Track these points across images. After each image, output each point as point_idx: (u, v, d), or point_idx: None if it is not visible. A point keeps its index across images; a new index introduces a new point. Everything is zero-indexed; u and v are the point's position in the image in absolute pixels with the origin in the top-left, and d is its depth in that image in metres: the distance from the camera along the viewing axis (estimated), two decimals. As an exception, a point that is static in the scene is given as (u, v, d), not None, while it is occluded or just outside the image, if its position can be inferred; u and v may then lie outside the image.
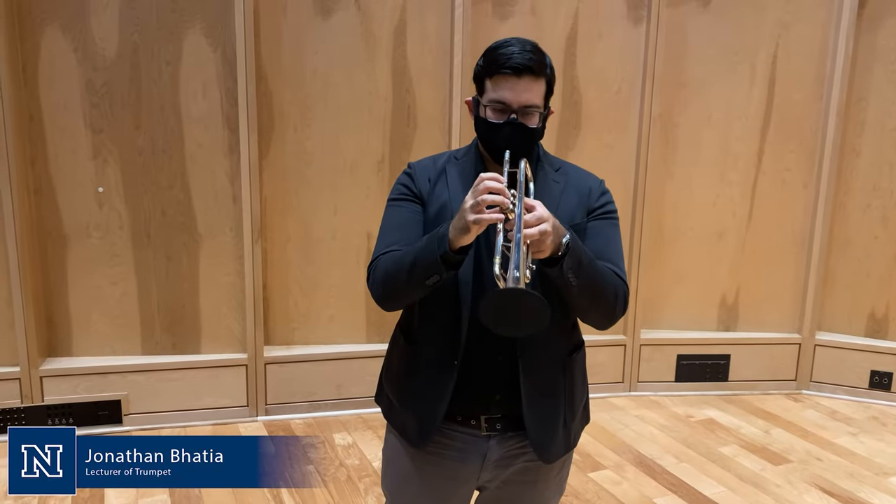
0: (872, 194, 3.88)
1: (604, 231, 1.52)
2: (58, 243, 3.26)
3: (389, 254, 1.46)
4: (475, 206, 1.28)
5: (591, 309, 1.45)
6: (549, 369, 1.51)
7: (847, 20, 3.67)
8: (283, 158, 3.43)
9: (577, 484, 3.00)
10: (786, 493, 2.98)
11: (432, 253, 1.33)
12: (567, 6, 3.62)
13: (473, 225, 1.28)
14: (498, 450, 1.53)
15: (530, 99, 1.43)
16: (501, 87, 1.42)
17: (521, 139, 1.44)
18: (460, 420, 1.52)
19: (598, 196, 1.55)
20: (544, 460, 1.52)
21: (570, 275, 1.33)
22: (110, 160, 3.24)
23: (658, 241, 3.93)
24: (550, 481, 1.60)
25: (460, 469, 1.55)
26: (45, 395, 3.26)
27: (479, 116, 1.47)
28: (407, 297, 1.46)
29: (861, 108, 3.83)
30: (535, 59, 1.42)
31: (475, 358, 1.47)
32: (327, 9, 3.36)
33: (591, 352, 3.87)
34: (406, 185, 1.55)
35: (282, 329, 3.59)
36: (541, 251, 1.29)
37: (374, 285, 1.47)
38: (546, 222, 1.27)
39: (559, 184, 1.53)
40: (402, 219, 1.52)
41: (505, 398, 1.49)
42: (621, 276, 1.48)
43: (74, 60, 3.13)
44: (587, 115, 3.74)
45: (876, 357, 3.90)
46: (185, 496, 2.82)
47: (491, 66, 1.43)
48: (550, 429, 1.52)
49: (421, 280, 1.36)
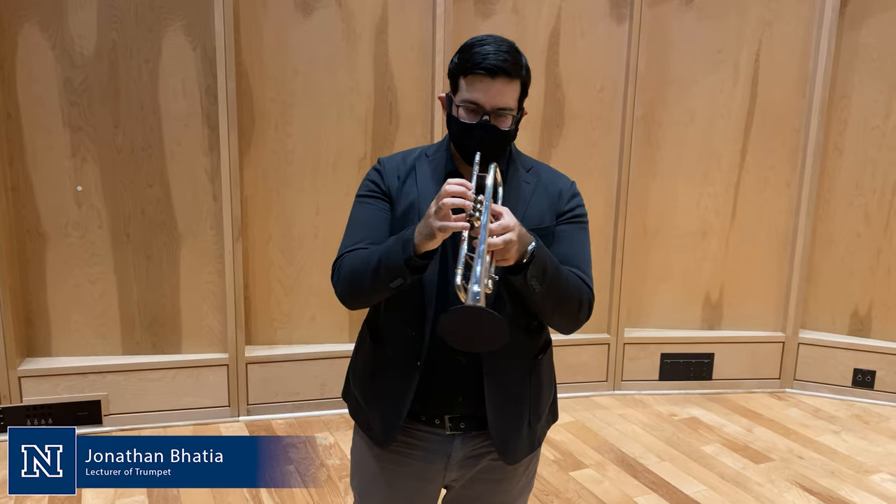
0: (855, 192, 3.89)
1: (572, 236, 1.51)
2: (36, 242, 3.23)
3: (355, 252, 1.44)
4: (439, 212, 1.27)
5: (554, 314, 1.44)
6: (513, 372, 1.50)
7: (829, 19, 3.68)
8: (263, 157, 3.41)
9: (557, 483, 3.00)
10: (767, 491, 2.98)
11: (397, 256, 1.32)
12: (549, 4, 3.62)
13: (439, 232, 1.27)
14: (462, 449, 1.52)
15: (504, 101, 1.41)
16: (475, 87, 1.40)
17: (492, 142, 1.43)
18: (424, 420, 1.51)
19: (568, 199, 1.54)
20: (508, 461, 1.52)
21: (533, 282, 1.32)
22: (89, 158, 3.21)
23: (642, 239, 3.93)
24: (517, 478, 1.59)
25: (425, 468, 1.54)
26: (23, 395, 3.23)
27: (452, 115, 1.46)
28: (371, 298, 1.45)
29: (843, 107, 3.84)
30: (510, 61, 1.40)
31: (438, 359, 1.46)
32: (308, 6, 3.35)
33: (574, 351, 3.90)
34: (374, 182, 1.53)
35: (263, 328, 3.57)
36: (505, 259, 1.28)
37: (338, 283, 1.46)
38: (511, 231, 1.26)
39: (530, 184, 1.52)
40: (369, 216, 1.50)
41: (468, 399, 1.48)
42: (587, 283, 1.47)
43: (52, 58, 3.11)
44: (570, 114, 3.74)
45: (859, 355, 3.91)
46: (162, 496, 2.80)
47: (465, 65, 1.41)
48: (514, 430, 1.51)
49: (385, 282, 1.35)
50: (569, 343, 3.89)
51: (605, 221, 3.86)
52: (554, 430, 3.48)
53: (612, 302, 3.91)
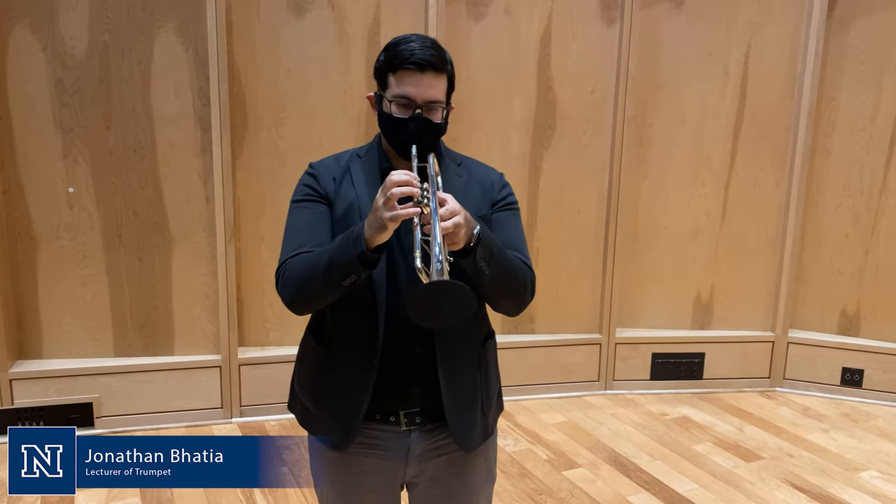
0: (843, 193, 3.93)
1: (508, 222, 1.56)
2: (28, 244, 3.22)
3: (300, 256, 1.44)
4: (388, 203, 1.29)
5: (503, 297, 1.47)
6: (465, 358, 1.53)
7: (817, 21, 3.72)
8: (256, 158, 3.41)
9: (550, 482, 3.01)
10: (757, 489, 3.00)
11: (348, 253, 1.33)
12: (541, 6, 3.64)
13: (390, 222, 1.29)
14: (420, 443, 1.54)
15: (434, 94, 1.45)
16: (405, 82, 1.43)
17: (426, 134, 1.46)
18: (379, 418, 1.52)
19: (499, 188, 1.58)
20: (465, 448, 1.53)
21: (482, 264, 1.35)
22: (81, 160, 3.20)
23: (632, 240, 3.95)
24: (477, 469, 1.61)
25: (385, 467, 1.55)
26: (14, 398, 3.22)
27: (384, 112, 1.48)
28: (322, 300, 1.44)
29: (832, 108, 3.88)
30: (437, 56, 1.44)
31: (393, 353, 1.48)
32: (301, 8, 3.35)
33: (566, 351, 3.93)
34: (310, 186, 1.53)
35: (256, 330, 3.57)
36: (455, 243, 1.31)
37: (284, 289, 1.45)
38: (458, 215, 1.30)
39: (462, 178, 1.56)
40: (308, 220, 1.50)
41: (423, 391, 1.50)
42: (528, 264, 1.51)
43: (44, 59, 3.10)
44: (562, 115, 3.76)
45: (847, 354, 3.95)
46: (156, 496, 2.80)
47: (394, 62, 1.44)
48: (469, 417, 1.53)
49: (337, 281, 1.35)
50: (561, 343, 3.91)
51: (596, 222, 3.88)
52: (547, 430, 3.50)
53: (603, 302, 3.93)
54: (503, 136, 3.72)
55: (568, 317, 3.97)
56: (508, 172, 3.88)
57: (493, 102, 3.68)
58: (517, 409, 3.75)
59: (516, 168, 3.76)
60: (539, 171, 3.79)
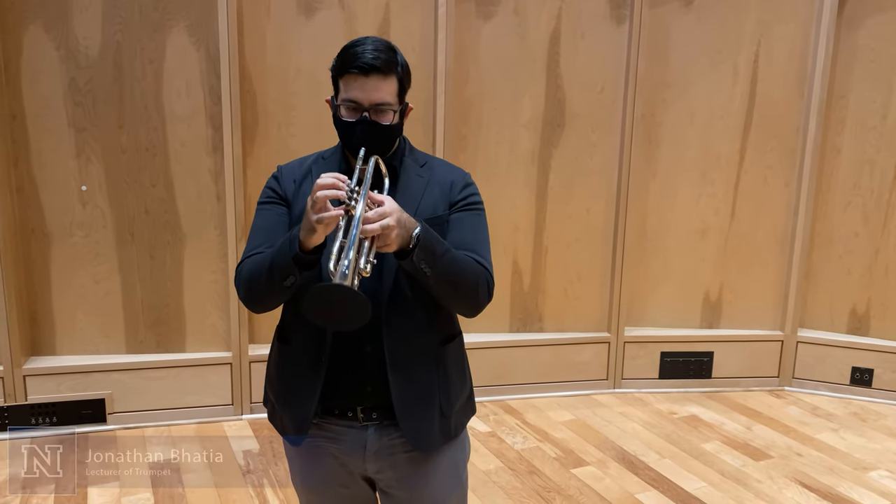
0: (853, 192, 3.92)
1: (466, 221, 1.55)
2: (41, 242, 3.25)
3: (252, 257, 1.48)
4: (315, 205, 1.31)
5: (452, 298, 1.48)
6: (419, 358, 1.53)
7: (827, 20, 3.71)
8: (267, 157, 3.44)
9: (559, 480, 3.02)
10: (766, 488, 3.01)
11: (285, 255, 1.36)
12: (550, 6, 3.65)
13: (318, 224, 1.30)
14: (377, 440, 1.55)
15: (380, 97, 1.46)
16: (351, 86, 1.46)
17: (374, 136, 1.48)
18: (337, 413, 1.55)
19: (460, 188, 1.58)
20: (419, 448, 1.54)
21: (423, 265, 1.37)
22: (93, 159, 3.23)
23: (641, 239, 3.96)
24: (441, 472, 1.61)
25: (346, 461, 1.58)
26: (28, 394, 3.26)
27: (335, 115, 1.51)
28: (270, 299, 1.47)
29: (842, 107, 3.87)
30: (382, 59, 1.45)
31: (343, 352, 1.50)
32: (311, 7, 3.37)
33: (575, 349, 3.93)
34: (272, 188, 1.58)
35: (267, 327, 3.59)
36: (386, 245, 1.32)
37: (239, 288, 1.50)
38: (389, 217, 1.31)
39: (423, 178, 1.57)
40: (267, 222, 1.54)
41: (376, 388, 1.52)
42: (483, 265, 1.51)
43: (57, 59, 3.13)
44: (571, 114, 3.76)
45: (857, 353, 3.94)
46: (167, 493, 2.82)
47: (342, 66, 1.47)
48: (423, 417, 1.53)
49: (279, 281, 1.38)
50: (569, 342, 3.92)
51: (605, 221, 3.89)
52: (555, 428, 3.51)
53: (612, 301, 3.93)
54: (512, 135, 3.73)
55: (576, 315, 3.98)
56: (517, 171, 3.91)
57: (501, 101, 3.69)
58: (525, 407, 3.76)
59: (525, 167, 3.77)
60: (548, 169, 3.79)
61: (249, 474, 3.00)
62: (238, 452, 3.18)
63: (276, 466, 3.07)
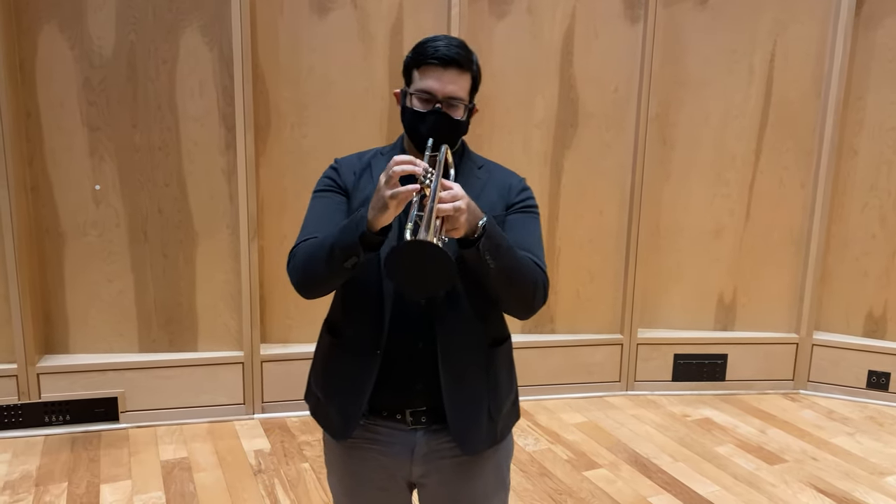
0: (870, 194, 3.87)
1: (523, 223, 1.54)
2: (55, 241, 3.27)
3: (309, 241, 1.47)
4: (389, 181, 1.30)
5: (510, 296, 1.45)
6: (469, 358, 1.51)
7: (845, 19, 3.67)
8: (279, 157, 3.44)
9: (571, 482, 3.00)
10: (780, 492, 2.97)
11: (351, 234, 1.34)
12: (564, 5, 3.63)
13: (391, 200, 1.28)
14: (425, 444, 1.54)
15: (455, 91, 1.46)
16: (428, 77, 1.46)
17: (445, 128, 1.47)
18: (385, 415, 1.53)
19: (517, 192, 1.57)
20: (466, 451, 1.52)
21: (487, 256, 1.34)
22: (107, 158, 3.25)
23: (655, 239, 3.93)
24: (487, 476, 1.59)
25: (390, 464, 1.56)
26: (42, 392, 3.27)
27: (406, 106, 1.50)
28: (326, 283, 1.45)
29: (859, 108, 3.82)
30: (461, 54, 1.46)
31: (397, 346, 1.48)
32: (324, 7, 3.37)
33: (588, 351, 3.91)
34: (331, 178, 1.57)
35: (278, 327, 3.60)
36: (455, 228, 1.30)
37: (293, 271, 1.48)
38: (461, 200, 1.29)
39: (481, 180, 1.56)
40: (325, 209, 1.53)
41: (426, 387, 1.50)
42: (540, 266, 1.49)
43: (72, 58, 3.14)
44: (584, 114, 3.74)
45: (873, 357, 3.90)
46: (179, 493, 2.83)
47: (419, 58, 1.47)
48: (472, 419, 1.52)
49: (339, 262, 1.36)
50: (582, 343, 3.90)
51: (618, 221, 3.86)
52: (567, 430, 3.49)
53: (625, 302, 3.91)
54: (524, 135, 3.71)
55: (589, 317, 3.96)
56: (530, 171, 3.90)
57: (514, 101, 3.67)
58: (537, 409, 3.74)
59: (538, 167, 3.75)
60: (561, 170, 3.78)
61: (260, 474, 3.01)
62: (249, 452, 3.19)
63: (287, 466, 3.07)
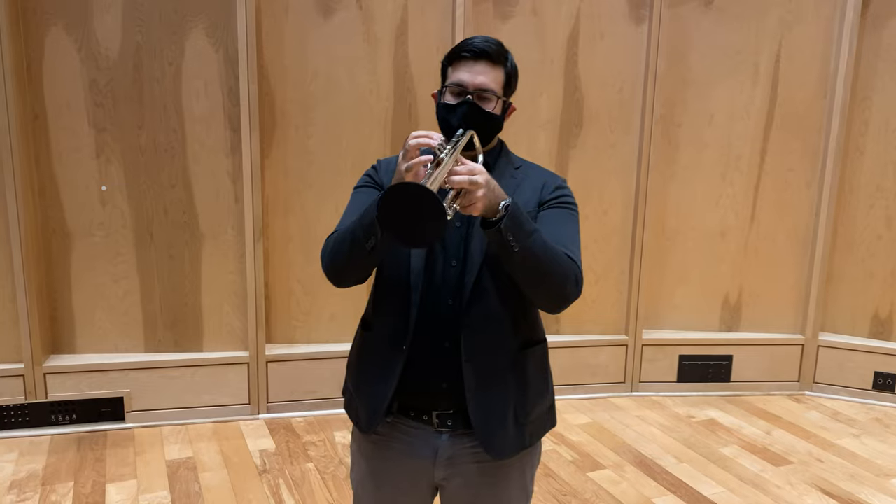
0: (876, 194, 3.86)
1: (557, 217, 1.52)
2: (62, 241, 3.29)
3: (341, 230, 1.49)
4: (406, 155, 1.32)
5: (537, 286, 1.41)
6: (496, 358, 1.50)
7: (851, 19, 3.66)
8: (284, 158, 3.45)
9: (575, 483, 3.00)
10: (785, 493, 2.97)
11: (370, 213, 1.35)
12: (568, 6, 3.63)
13: (406, 172, 1.29)
14: (450, 447, 1.53)
15: (485, 82, 1.48)
16: (459, 69, 1.49)
17: (476, 118, 1.48)
18: (413, 415, 1.54)
19: (552, 188, 1.56)
20: (491, 454, 1.51)
21: (510, 237, 1.31)
22: (113, 159, 3.26)
23: (660, 240, 3.92)
24: (511, 483, 1.58)
25: (413, 464, 1.56)
26: (48, 391, 3.29)
27: (439, 101, 1.53)
28: (351, 267, 1.46)
29: (865, 107, 3.81)
30: (493, 48, 1.49)
31: (423, 344, 1.49)
32: (329, 8, 3.38)
33: (592, 352, 3.91)
34: (370, 176, 1.60)
35: (283, 327, 3.61)
36: (472, 203, 1.28)
37: (322, 258, 1.51)
38: (479, 175, 1.28)
39: (516, 179, 1.56)
40: (360, 204, 1.54)
41: (452, 388, 1.49)
42: (573, 258, 1.45)
43: (78, 60, 3.16)
44: (589, 115, 3.74)
45: (880, 358, 3.88)
46: (184, 493, 2.84)
47: (452, 54, 1.51)
48: (497, 422, 1.51)
49: (361, 243, 1.37)
50: (587, 344, 3.89)
51: (623, 222, 3.86)
52: (572, 431, 3.49)
53: (630, 303, 3.91)
54: (529, 135, 3.72)
55: (594, 317, 3.95)
56: (535, 172, 3.86)
57: (519, 101, 3.66)
58: (542, 410, 3.74)
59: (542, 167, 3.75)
60: (565, 170, 3.77)
61: (265, 474, 3.01)
62: (254, 452, 3.20)
63: (292, 466, 3.08)
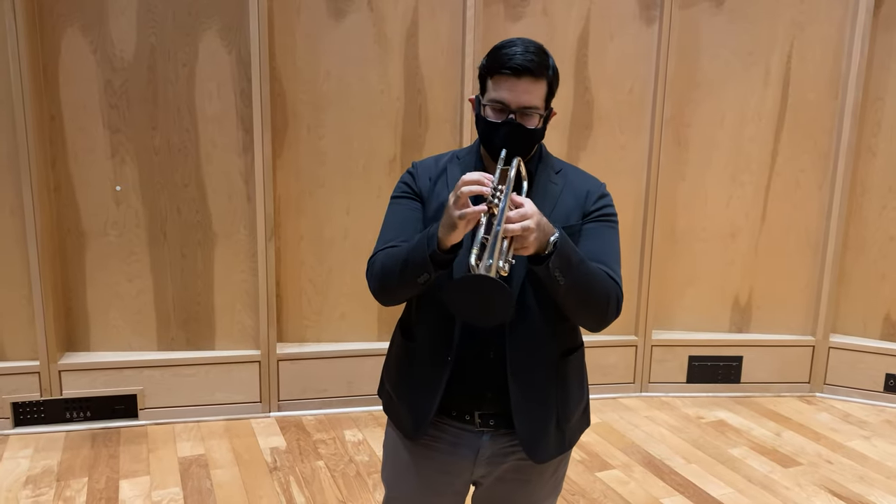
0: (889, 195, 3.84)
1: (599, 233, 1.52)
2: (76, 241, 3.33)
3: (387, 250, 1.49)
4: (458, 202, 1.30)
5: (580, 310, 1.44)
6: (539, 369, 1.51)
7: (863, 20, 3.65)
8: (296, 158, 3.48)
9: (584, 483, 3.01)
10: (794, 495, 2.97)
11: (422, 252, 1.35)
12: (579, 7, 3.63)
13: (459, 220, 1.29)
14: (491, 446, 1.55)
15: (529, 101, 1.44)
16: (501, 87, 1.44)
17: (518, 139, 1.46)
18: (455, 415, 1.55)
19: (595, 199, 1.55)
20: (535, 460, 1.53)
21: (557, 273, 1.33)
22: (127, 159, 3.30)
23: (670, 241, 3.92)
24: (545, 481, 1.61)
25: (453, 463, 1.58)
26: (63, 388, 3.34)
27: (480, 115, 1.50)
28: (401, 294, 1.49)
29: (878, 108, 3.80)
30: (535, 61, 1.42)
31: (467, 355, 1.50)
32: (340, 10, 3.40)
33: (602, 352, 3.92)
34: (407, 184, 1.58)
35: (294, 326, 3.64)
36: (524, 247, 1.30)
37: (371, 279, 1.51)
38: (530, 219, 1.28)
39: (558, 185, 1.54)
40: (402, 216, 1.55)
41: (496, 396, 1.51)
42: (615, 279, 1.47)
43: (94, 62, 3.20)
44: (599, 116, 3.75)
45: (891, 360, 3.86)
46: (196, 490, 2.88)
47: (493, 66, 1.45)
48: (541, 428, 1.53)
49: (412, 278, 1.38)
50: (596, 345, 3.90)
51: (633, 223, 3.86)
52: (580, 431, 3.50)
53: (639, 303, 3.91)
54: (540, 137, 3.72)
55: (603, 318, 3.95)
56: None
57: (529, 103, 3.68)
58: (551, 409, 3.75)
59: (553, 168, 3.75)
60: (575, 171, 3.78)
61: (276, 471, 3.05)
62: (265, 449, 3.23)
63: (303, 464, 3.11)
